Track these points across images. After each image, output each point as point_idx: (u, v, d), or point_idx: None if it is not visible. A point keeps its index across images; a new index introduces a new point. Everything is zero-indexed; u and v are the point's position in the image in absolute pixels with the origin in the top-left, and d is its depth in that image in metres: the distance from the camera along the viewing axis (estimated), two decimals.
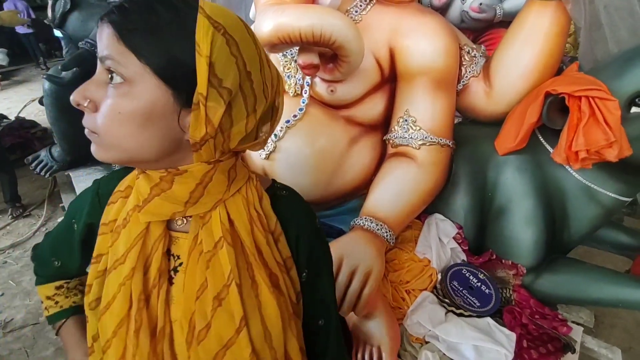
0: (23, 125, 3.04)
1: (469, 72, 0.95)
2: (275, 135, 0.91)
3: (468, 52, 0.95)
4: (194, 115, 0.39)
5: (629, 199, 0.88)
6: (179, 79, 0.38)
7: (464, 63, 0.94)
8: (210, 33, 0.37)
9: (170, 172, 0.42)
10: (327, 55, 0.82)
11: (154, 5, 0.38)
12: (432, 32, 0.88)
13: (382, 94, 0.96)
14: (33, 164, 1.98)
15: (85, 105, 0.39)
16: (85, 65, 1.75)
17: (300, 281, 0.48)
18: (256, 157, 0.95)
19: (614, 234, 1.08)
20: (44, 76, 1.78)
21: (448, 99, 0.93)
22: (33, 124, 3.13)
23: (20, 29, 5.53)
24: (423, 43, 0.88)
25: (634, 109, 0.76)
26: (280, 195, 0.50)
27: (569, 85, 0.77)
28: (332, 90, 0.91)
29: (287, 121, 0.91)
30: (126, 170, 0.50)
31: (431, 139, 0.91)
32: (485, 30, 2.21)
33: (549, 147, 0.88)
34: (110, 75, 0.38)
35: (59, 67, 1.70)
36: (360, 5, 0.91)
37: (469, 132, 1.02)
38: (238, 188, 0.45)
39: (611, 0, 0.82)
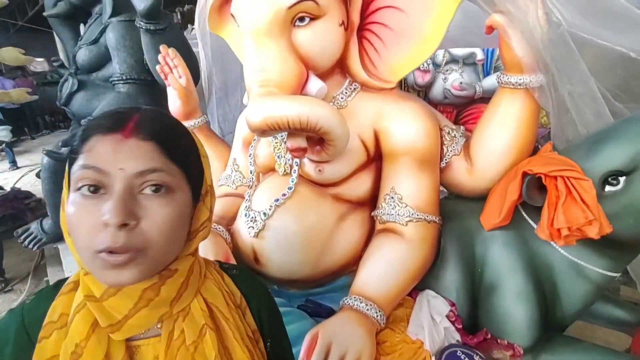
0: (17, 196, 3.05)
1: (451, 150, 1.00)
2: (265, 213, 0.92)
3: (448, 133, 1.01)
4: (200, 205, 0.46)
5: (617, 274, 0.88)
6: (196, 179, 0.45)
7: (445, 142, 1.00)
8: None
9: (163, 275, 0.42)
10: (314, 138, 0.87)
11: (167, 119, 0.44)
12: (413, 115, 0.95)
13: (369, 172, 1.00)
14: (22, 237, 1.96)
15: (132, 224, 0.38)
16: None
17: (266, 350, 0.50)
18: (245, 236, 0.96)
19: (610, 309, 1.06)
20: (44, 151, 1.83)
21: (432, 177, 0.96)
22: (27, 194, 3.14)
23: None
24: (405, 125, 0.94)
25: (608, 188, 0.79)
26: (233, 274, 0.53)
27: (545, 166, 0.81)
28: (319, 170, 0.94)
29: (277, 200, 0.93)
30: (55, 289, 0.45)
31: (417, 215, 0.93)
32: (467, 106, 2.36)
33: (532, 223, 0.90)
34: (155, 188, 0.40)
35: (59, 143, 1.76)
36: (346, 92, 0.98)
37: (455, 207, 1.05)
38: (204, 273, 0.48)
39: (574, 88, 0.90)
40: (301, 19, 0.83)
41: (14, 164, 4.99)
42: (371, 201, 1.03)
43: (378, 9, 0.90)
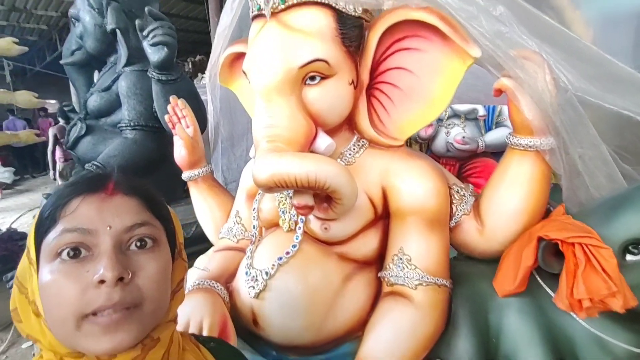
0: (12, 237, 2.98)
1: (460, 210, 0.97)
2: (267, 273, 0.88)
3: (457, 192, 0.99)
4: (177, 263, 0.45)
5: None
6: (172, 235, 0.45)
7: (454, 202, 0.97)
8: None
9: (146, 345, 0.40)
10: (321, 195, 0.85)
11: (138, 178, 0.45)
12: (422, 174, 0.93)
13: (376, 231, 0.96)
14: (11, 282, 1.89)
15: (128, 277, 0.37)
16: None
17: None
18: (245, 296, 0.90)
19: None
20: (44, 195, 1.81)
21: (442, 238, 0.93)
22: (22, 235, 3.08)
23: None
24: (414, 184, 0.92)
25: (629, 257, 0.75)
26: (211, 347, 0.51)
27: (561, 231, 0.78)
28: (325, 228, 0.91)
29: (280, 258, 0.89)
30: None
31: (427, 278, 0.88)
32: (470, 159, 2.37)
33: (549, 291, 0.85)
34: (140, 243, 0.40)
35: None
36: (354, 149, 0.97)
37: (465, 269, 1.00)
38: (182, 345, 0.47)
39: (584, 151, 0.89)
40: (312, 78, 0.84)
41: None
42: (378, 261, 0.98)
43: (388, 69, 0.92)
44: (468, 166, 2.29)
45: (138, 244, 0.39)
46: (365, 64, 0.91)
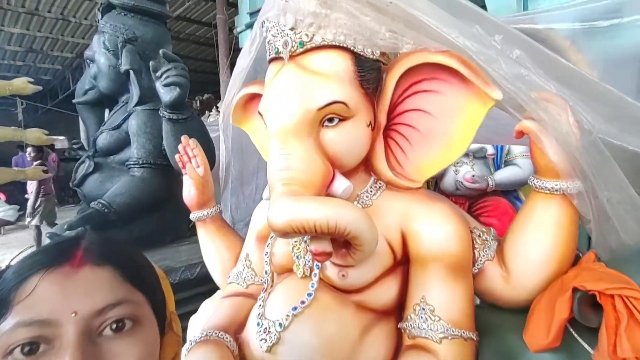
0: None
1: (483, 255, 0.92)
2: (281, 324, 0.82)
3: (479, 236, 0.94)
4: (167, 338, 0.39)
5: None
6: (160, 306, 0.38)
7: (476, 247, 0.93)
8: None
9: None
10: (339, 240, 0.80)
11: (117, 240, 0.39)
12: (443, 217, 0.89)
13: (395, 277, 0.91)
14: None
15: None
16: (91, 225, 1.76)
17: None
18: (256, 349, 0.84)
19: None
20: (48, 234, 1.78)
21: (466, 286, 0.87)
22: None
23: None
24: (435, 228, 0.88)
25: None
26: None
27: (598, 282, 0.73)
28: (343, 275, 0.86)
29: (295, 308, 0.83)
30: None
31: (453, 331, 0.82)
32: (479, 198, 2.33)
33: (587, 347, 0.78)
34: (116, 325, 0.32)
35: (64, 226, 1.71)
36: (371, 191, 0.94)
37: (491, 319, 0.94)
38: None
39: (612, 195, 0.86)
40: (330, 120, 0.83)
41: None
42: (397, 310, 0.92)
43: (405, 111, 0.91)
44: (478, 205, 2.26)
45: (113, 326, 0.32)
46: (383, 106, 0.90)
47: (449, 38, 0.83)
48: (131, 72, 2.07)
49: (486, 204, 2.25)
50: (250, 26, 4.54)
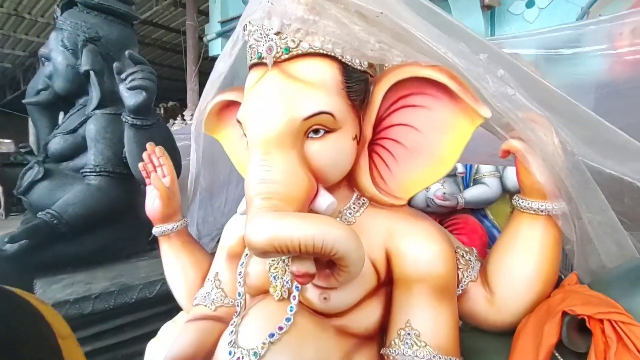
0: None
1: (467, 276, 0.90)
2: (256, 353, 0.74)
3: (462, 256, 0.92)
4: None
5: None
6: None
7: (460, 267, 0.90)
8: None
9: None
10: (322, 260, 0.75)
11: None
12: (429, 237, 0.86)
13: (378, 300, 0.86)
14: None
15: None
16: (37, 238, 1.59)
17: None
18: None
19: None
20: None
21: (451, 308, 0.84)
22: None
23: None
24: (421, 248, 0.84)
25: None
26: None
27: (586, 306, 0.71)
28: (325, 298, 0.80)
29: (272, 335, 0.76)
30: None
31: (440, 358, 0.78)
32: (449, 215, 2.36)
33: None
34: None
35: (5, 239, 1.53)
36: (354, 207, 0.89)
37: (475, 343, 0.90)
38: None
39: (593, 216, 0.86)
40: (315, 131, 0.78)
41: None
42: (380, 334, 0.87)
43: (392, 125, 0.87)
44: (448, 222, 2.28)
45: None
46: (369, 119, 0.86)
47: (438, 52, 0.81)
48: (92, 73, 1.93)
49: (456, 221, 2.28)
50: (221, 34, 4.45)
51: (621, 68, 1.58)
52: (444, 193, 2.18)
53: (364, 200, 0.91)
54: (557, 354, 0.80)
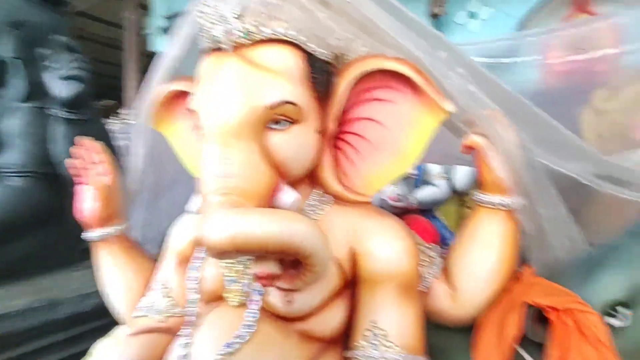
0: None
1: (429, 273, 0.89)
2: None
3: (423, 252, 0.91)
4: None
5: None
6: None
7: (423, 264, 0.89)
8: None
9: None
10: (287, 260, 0.69)
11: None
12: (394, 234, 0.84)
13: (342, 302, 0.82)
14: None
15: None
16: None
17: None
18: None
19: None
20: None
21: (417, 307, 0.82)
22: None
23: None
24: (387, 246, 0.82)
25: (612, 321, 0.72)
26: None
27: (547, 296, 0.73)
28: (289, 301, 0.75)
29: (229, 345, 0.69)
30: None
31: (407, 358, 0.75)
32: (401, 216, 2.39)
33: None
34: None
35: None
36: (316, 205, 0.85)
37: (437, 341, 0.89)
38: None
39: (547, 211, 0.90)
40: (277, 122, 0.72)
41: None
42: (344, 338, 0.83)
43: (355, 119, 0.84)
44: None
45: None
46: (333, 112, 0.82)
47: (403, 46, 0.80)
48: (15, 61, 1.71)
49: (410, 222, 2.32)
50: (165, 30, 4.21)
51: (553, 78, 1.71)
52: (398, 194, 2.22)
53: (326, 197, 0.87)
54: (515, 345, 0.82)
